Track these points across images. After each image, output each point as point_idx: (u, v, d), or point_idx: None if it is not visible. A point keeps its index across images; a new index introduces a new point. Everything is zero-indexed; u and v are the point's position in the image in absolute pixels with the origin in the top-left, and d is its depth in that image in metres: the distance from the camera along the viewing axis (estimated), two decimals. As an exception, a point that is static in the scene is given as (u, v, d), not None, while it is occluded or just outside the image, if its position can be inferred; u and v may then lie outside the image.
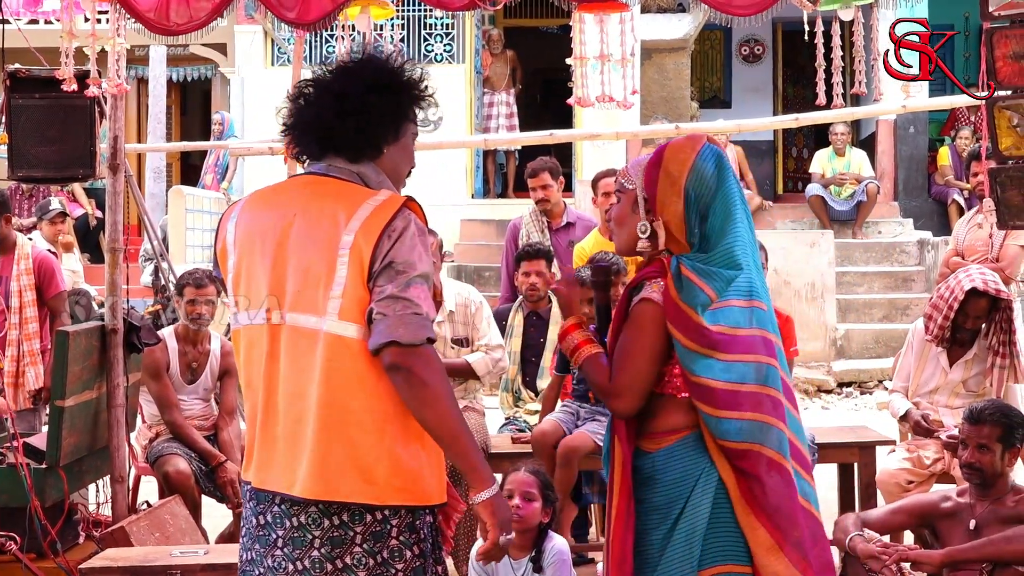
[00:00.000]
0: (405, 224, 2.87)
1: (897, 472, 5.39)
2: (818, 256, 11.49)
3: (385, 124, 3.01)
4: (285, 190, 3.07)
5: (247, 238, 3.00)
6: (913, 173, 14.93)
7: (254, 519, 2.98)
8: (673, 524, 3.12)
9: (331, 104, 2.99)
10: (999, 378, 5.54)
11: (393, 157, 3.06)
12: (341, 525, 2.86)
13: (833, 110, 5.34)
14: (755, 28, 16.81)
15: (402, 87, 3.04)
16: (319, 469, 2.84)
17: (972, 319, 5.52)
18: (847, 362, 11.56)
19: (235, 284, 3.03)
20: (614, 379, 3.15)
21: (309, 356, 2.88)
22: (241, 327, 3.02)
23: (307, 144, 3.06)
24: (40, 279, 6.29)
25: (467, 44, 15.49)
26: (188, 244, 12.93)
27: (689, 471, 3.13)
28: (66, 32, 5.09)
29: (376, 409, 2.85)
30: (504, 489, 4.43)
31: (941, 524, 4.51)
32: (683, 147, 3.22)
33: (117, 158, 5.43)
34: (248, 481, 2.99)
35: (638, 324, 3.14)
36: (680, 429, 3.16)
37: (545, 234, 7.31)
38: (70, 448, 5.05)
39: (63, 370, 4.97)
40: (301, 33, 6.08)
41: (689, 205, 3.15)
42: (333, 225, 2.87)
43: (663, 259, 3.17)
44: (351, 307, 2.84)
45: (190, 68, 17.33)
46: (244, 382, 3.05)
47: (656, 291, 3.12)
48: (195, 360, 6.06)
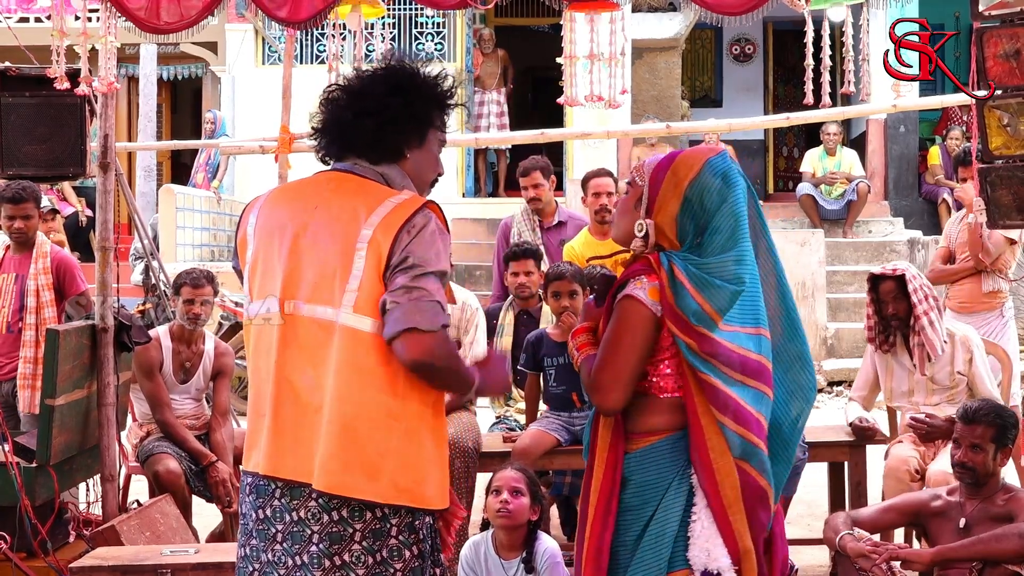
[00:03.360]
0: (425, 221, 2.90)
1: (909, 459, 5.35)
2: (808, 255, 11.51)
3: (407, 128, 3.05)
4: (308, 185, 3.11)
5: (266, 229, 3.03)
6: (904, 172, 14.97)
7: (254, 513, 2.98)
8: (645, 525, 3.11)
9: (351, 104, 3.03)
10: (920, 357, 5.51)
11: (418, 162, 3.10)
12: (340, 521, 2.87)
13: (824, 109, 5.36)
14: (746, 27, 16.82)
15: (427, 92, 3.08)
16: (327, 461, 2.85)
17: (891, 304, 5.51)
18: (837, 361, 11.58)
19: (251, 274, 3.06)
20: (595, 374, 3.14)
21: (325, 348, 2.89)
22: (254, 316, 3.03)
23: (328, 144, 3.10)
24: (60, 279, 6.31)
25: (458, 43, 15.50)
26: (179, 243, 12.93)
27: (664, 474, 3.12)
28: (57, 30, 5.09)
29: (387, 405, 2.87)
30: (492, 486, 4.43)
31: (931, 523, 4.52)
32: (696, 155, 3.23)
33: (107, 156, 5.42)
34: (255, 472, 2.98)
35: (620, 320, 3.14)
36: (659, 431, 3.15)
37: (536, 233, 7.31)
38: (60, 447, 5.05)
39: (53, 369, 4.97)
40: (292, 32, 6.08)
41: (685, 209, 3.14)
42: (353, 220, 2.90)
43: (650, 256, 3.17)
44: (366, 301, 2.86)
45: (181, 67, 17.30)
46: (252, 370, 3.05)
47: (639, 288, 3.12)
48: (189, 360, 6.04)
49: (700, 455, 3.09)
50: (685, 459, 3.12)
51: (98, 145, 5.47)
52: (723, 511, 3.07)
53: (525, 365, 5.68)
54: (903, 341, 5.59)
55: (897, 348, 5.62)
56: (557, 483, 5.73)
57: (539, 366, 5.61)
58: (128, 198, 6.62)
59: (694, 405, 3.10)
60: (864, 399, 5.79)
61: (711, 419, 3.08)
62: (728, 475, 3.08)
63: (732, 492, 3.08)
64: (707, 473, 3.08)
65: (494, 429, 6.18)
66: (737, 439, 3.06)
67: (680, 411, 3.14)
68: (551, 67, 5.86)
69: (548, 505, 5.41)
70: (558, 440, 5.40)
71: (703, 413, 3.09)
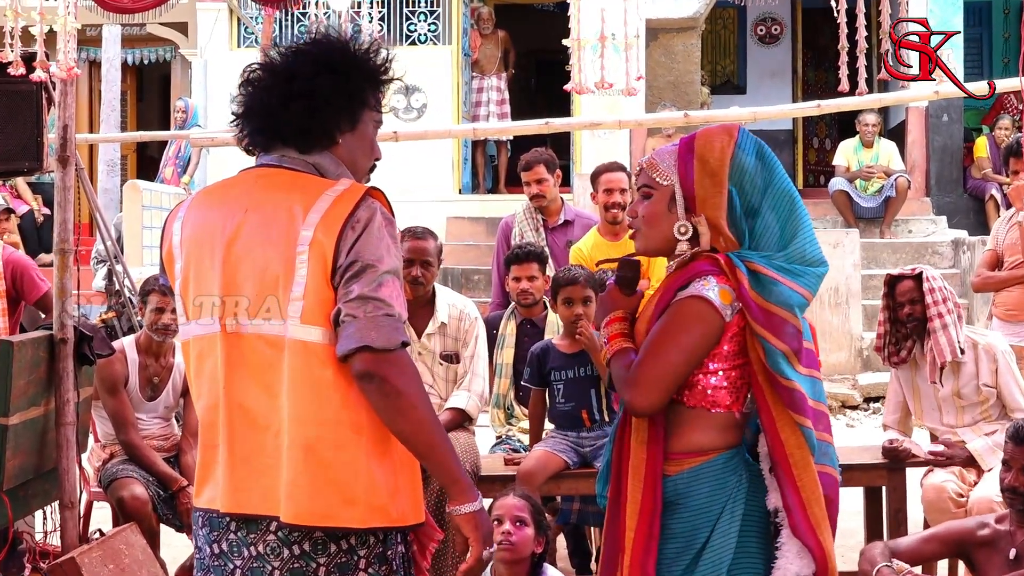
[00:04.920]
0: (370, 214, 2.84)
1: (945, 485, 5.35)
2: (842, 257, 11.51)
3: (337, 109, 3.00)
4: (234, 185, 3.06)
5: (195, 239, 3.00)
6: (947, 166, 14.96)
7: (208, 548, 2.96)
8: (697, 555, 3.12)
9: (277, 87, 2.98)
10: (932, 363, 5.55)
11: (350, 147, 3.04)
12: (302, 555, 2.85)
13: (858, 96, 5.36)
14: (772, 5, 16.86)
15: (357, 69, 3.02)
16: (294, 490, 2.83)
17: (907, 305, 5.56)
18: (874, 375, 11.54)
19: (183, 290, 3.02)
20: (638, 369, 3.12)
21: (275, 365, 2.86)
22: (191, 337, 3.01)
23: (254, 133, 3.05)
24: (16, 284, 6.25)
25: (454, 24, 15.51)
26: (145, 245, 12.93)
27: (716, 495, 3.13)
28: (11, 10, 5.10)
29: (349, 421, 2.84)
30: (492, 515, 4.43)
31: (978, 553, 4.51)
32: (718, 135, 3.19)
33: (67, 149, 5.42)
34: (210, 508, 2.96)
35: (679, 318, 3.11)
36: (708, 450, 3.16)
37: (540, 233, 7.31)
38: (14, 470, 5.04)
39: (6, 384, 4.96)
40: (270, 12, 6.09)
41: (733, 201, 3.14)
42: (290, 220, 2.86)
43: (717, 256, 3.15)
44: (314, 309, 2.82)
45: (147, 50, 17.34)
46: (195, 397, 3.03)
47: (708, 288, 3.10)
48: (157, 375, 6.04)
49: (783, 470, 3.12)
50: (736, 479, 3.14)
51: (56, 137, 5.46)
52: (811, 528, 3.09)
53: (529, 380, 5.68)
54: (920, 351, 5.61)
55: (916, 360, 5.65)
56: (564, 510, 5.72)
57: (545, 381, 5.62)
58: (89, 195, 6.64)
59: (772, 418, 3.12)
60: (898, 422, 5.80)
61: (791, 432, 3.11)
62: (813, 490, 3.11)
63: (819, 510, 3.11)
64: (792, 489, 3.11)
65: (495, 450, 6.19)
66: (816, 441, 3.12)
67: (733, 429, 3.17)
68: (557, 50, 5.87)
69: (554, 535, 5.41)
70: (566, 462, 5.41)
71: (783, 427, 3.11)
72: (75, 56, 5.22)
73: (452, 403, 5.74)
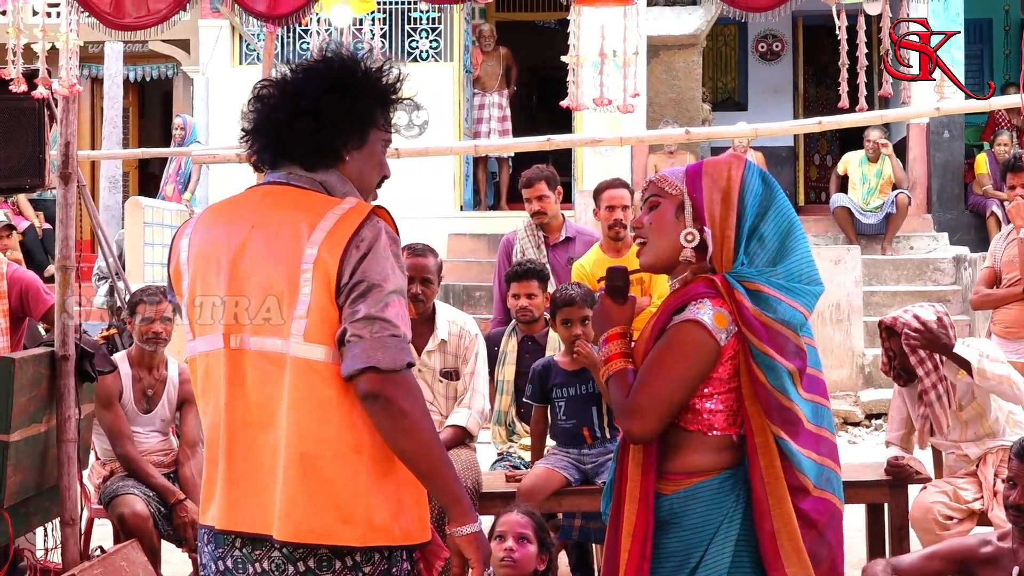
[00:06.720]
0: (375, 234, 2.85)
1: (932, 506, 5.36)
2: (843, 274, 11.52)
3: (345, 128, 3.00)
4: (241, 202, 3.07)
5: (201, 256, 3.01)
6: (948, 182, 14.96)
7: (213, 564, 2.97)
8: (691, 574, 3.12)
9: (285, 105, 2.99)
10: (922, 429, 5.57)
11: (359, 166, 3.05)
12: (307, 572, 2.84)
13: (859, 113, 5.36)
14: (773, 23, 16.87)
15: (366, 88, 3.03)
16: (290, 508, 2.82)
17: (899, 358, 5.56)
18: (876, 391, 11.54)
19: (190, 307, 3.03)
20: (633, 396, 3.13)
21: (276, 383, 2.87)
22: (198, 354, 3.01)
23: (262, 150, 3.07)
24: (22, 300, 6.20)
25: (455, 40, 15.54)
26: (146, 261, 12.93)
27: (712, 515, 3.14)
28: (13, 27, 5.10)
29: (350, 439, 2.84)
30: (495, 531, 4.42)
31: (981, 571, 4.50)
32: (726, 161, 3.26)
33: (69, 166, 5.43)
34: (211, 525, 2.97)
35: (676, 344, 3.12)
36: (705, 471, 3.16)
37: (542, 250, 7.32)
38: (15, 487, 5.04)
39: (8, 401, 4.96)
40: (272, 28, 6.09)
41: (742, 221, 3.16)
42: (295, 238, 2.86)
43: (712, 278, 3.16)
44: (318, 327, 2.83)
45: (149, 67, 17.37)
46: (202, 413, 3.04)
47: (702, 312, 3.11)
48: (151, 387, 6.04)
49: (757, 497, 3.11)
50: (733, 499, 3.14)
51: (58, 154, 5.47)
52: (777, 558, 3.08)
53: (531, 397, 5.67)
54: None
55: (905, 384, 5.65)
56: (566, 527, 5.72)
57: (547, 398, 5.61)
58: (91, 212, 6.64)
59: (755, 445, 3.11)
60: (901, 439, 5.78)
61: (771, 462, 3.10)
62: (787, 521, 3.09)
63: (790, 542, 3.09)
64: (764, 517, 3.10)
65: (496, 467, 6.18)
66: (815, 468, 3.11)
67: (730, 450, 3.17)
68: (558, 67, 5.87)
69: (556, 552, 5.41)
70: (567, 479, 5.40)
71: (764, 455, 3.11)
72: (77, 73, 5.23)
73: (453, 420, 5.74)
